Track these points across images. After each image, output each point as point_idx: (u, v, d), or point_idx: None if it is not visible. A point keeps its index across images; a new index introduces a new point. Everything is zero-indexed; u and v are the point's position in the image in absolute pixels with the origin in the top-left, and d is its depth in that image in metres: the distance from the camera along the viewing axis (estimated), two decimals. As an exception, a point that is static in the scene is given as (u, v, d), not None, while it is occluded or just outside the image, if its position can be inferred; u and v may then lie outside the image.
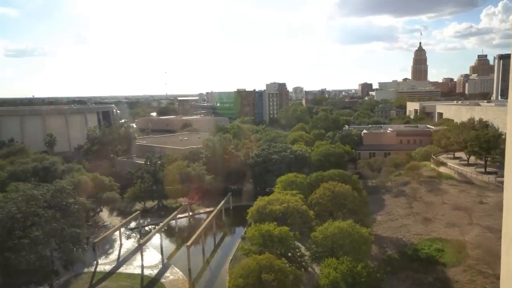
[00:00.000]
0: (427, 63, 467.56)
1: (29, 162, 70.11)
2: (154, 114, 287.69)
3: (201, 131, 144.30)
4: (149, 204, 72.88)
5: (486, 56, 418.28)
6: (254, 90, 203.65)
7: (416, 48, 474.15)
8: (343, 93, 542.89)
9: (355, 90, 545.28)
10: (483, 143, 61.42)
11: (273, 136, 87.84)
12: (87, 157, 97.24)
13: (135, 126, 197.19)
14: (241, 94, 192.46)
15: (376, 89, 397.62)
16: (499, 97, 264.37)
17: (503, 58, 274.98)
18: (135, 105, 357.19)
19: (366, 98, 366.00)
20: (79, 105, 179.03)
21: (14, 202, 35.63)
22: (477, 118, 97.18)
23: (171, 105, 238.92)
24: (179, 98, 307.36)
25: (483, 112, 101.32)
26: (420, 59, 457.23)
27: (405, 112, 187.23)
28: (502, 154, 57.80)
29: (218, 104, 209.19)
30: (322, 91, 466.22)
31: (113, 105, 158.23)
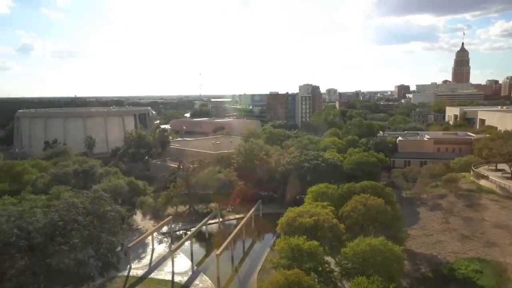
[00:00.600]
0: (470, 65, 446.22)
1: (70, 165, 73.72)
2: (188, 115, 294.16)
3: (233, 133, 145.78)
4: (181, 208, 74.50)
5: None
6: (287, 93, 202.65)
7: (458, 49, 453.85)
8: (378, 94, 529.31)
9: (391, 91, 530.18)
10: (529, 156, 57.81)
11: (305, 143, 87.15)
12: (124, 159, 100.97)
13: (169, 127, 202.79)
14: (273, 97, 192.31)
15: (414, 91, 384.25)
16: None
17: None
18: (170, 105, 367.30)
19: (402, 101, 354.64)
20: (117, 106, 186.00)
21: (57, 210, 37.74)
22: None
23: (204, 107, 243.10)
24: (212, 100, 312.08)
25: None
26: (462, 60, 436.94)
27: (444, 117, 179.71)
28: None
29: (250, 107, 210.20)
30: (357, 93, 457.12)
31: (149, 107, 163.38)
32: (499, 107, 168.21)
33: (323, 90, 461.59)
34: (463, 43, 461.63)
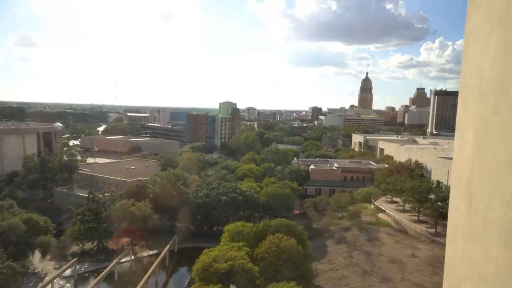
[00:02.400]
0: (372, 92, 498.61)
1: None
2: (101, 128, 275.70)
3: (151, 155, 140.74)
4: (88, 245, 69.08)
5: (424, 89, 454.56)
6: (207, 113, 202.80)
7: (364, 76, 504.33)
8: (294, 114, 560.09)
9: (306, 112, 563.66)
10: (417, 193, 66.29)
11: (223, 173, 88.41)
12: (22, 186, 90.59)
13: (78, 143, 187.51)
14: (193, 117, 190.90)
15: (325, 114, 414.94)
16: (434, 130, 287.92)
17: (438, 94, 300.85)
18: (81, 117, 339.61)
19: (315, 122, 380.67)
20: (17, 122, 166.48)
21: None
22: (413, 160, 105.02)
23: (119, 123, 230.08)
24: (128, 114, 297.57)
25: (419, 154, 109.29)
26: (366, 88, 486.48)
27: (351, 142, 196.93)
28: (432, 206, 62.87)
29: (169, 125, 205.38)
30: (274, 113, 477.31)
31: (57, 123, 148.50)
32: (395, 135, 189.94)
33: (243, 106, 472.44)
34: (367, 73, 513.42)
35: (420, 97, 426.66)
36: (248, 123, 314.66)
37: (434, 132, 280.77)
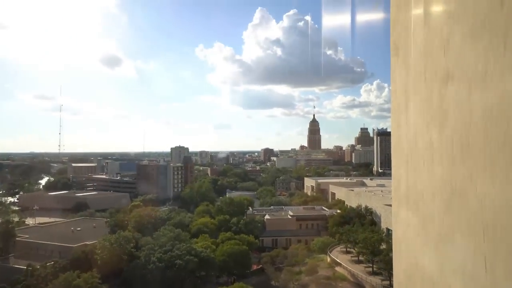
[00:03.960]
0: (320, 133, 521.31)
1: None
2: (43, 182, 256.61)
3: (98, 211, 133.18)
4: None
5: (367, 128, 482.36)
6: (158, 162, 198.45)
7: (311, 116, 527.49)
8: (247, 156, 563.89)
9: (258, 152, 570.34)
10: (370, 245, 68.46)
11: (177, 232, 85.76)
12: None
13: (16, 201, 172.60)
14: (143, 168, 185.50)
15: (277, 155, 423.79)
16: (379, 168, 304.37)
17: (380, 134, 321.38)
18: (19, 170, 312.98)
19: (268, 164, 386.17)
20: None
21: None
22: (363, 205, 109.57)
23: (63, 177, 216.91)
24: (73, 164, 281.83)
25: (367, 199, 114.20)
26: (314, 129, 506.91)
27: (303, 184, 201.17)
28: (385, 258, 65.02)
29: (118, 177, 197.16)
30: (227, 156, 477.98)
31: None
32: (345, 178, 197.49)
33: (195, 149, 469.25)
34: (314, 115, 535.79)
35: (364, 137, 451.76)
36: (201, 168, 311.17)
37: (380, 171, 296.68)
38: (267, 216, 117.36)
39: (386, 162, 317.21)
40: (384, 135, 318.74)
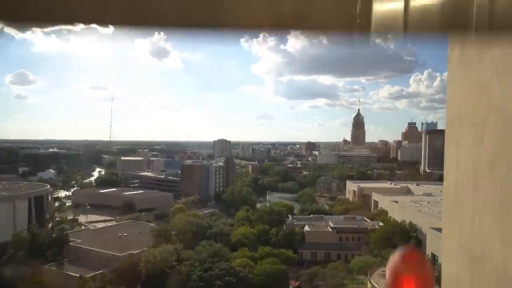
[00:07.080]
0: (365, 124, 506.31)
1: None
2: (95, 173, 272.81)
3: (144, 209, 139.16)
4: None
5: (415, 123, 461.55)
6: (202, 162, 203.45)
7: (356, 107, 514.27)
8: (289, 148, 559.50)
9: (300, 145, 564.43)
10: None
11: (217, 248, 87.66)
12: (10, 264, 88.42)
13: (71, 195, 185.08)
14: (186, 168, 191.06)
15: (319, 151, 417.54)
16: (427, 168, 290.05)
17: (429, 133, 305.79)
18: (73, 159, 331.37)
19: (309, 159, 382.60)
20: (8, 178, 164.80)
21: None
22: (408, 221, 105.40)
23: (112, 174, 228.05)
24: (122, 158, 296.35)
25: (412, 214, 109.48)
26: (358, 123, 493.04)
27: (344, 186, 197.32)
28: None
29: (163, 175, 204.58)
30: (269, 149, 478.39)
31: (48, 186, 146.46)
32: (389, 182, 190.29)
33: (237, 139, 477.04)
34: (359, 109, 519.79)
35: (412, 132, 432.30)
36: (243, 163, 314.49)
37: (428, 170, 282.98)
38: (306, 228, 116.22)
39: (434, 161, 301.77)
40: (434, 133, 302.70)
